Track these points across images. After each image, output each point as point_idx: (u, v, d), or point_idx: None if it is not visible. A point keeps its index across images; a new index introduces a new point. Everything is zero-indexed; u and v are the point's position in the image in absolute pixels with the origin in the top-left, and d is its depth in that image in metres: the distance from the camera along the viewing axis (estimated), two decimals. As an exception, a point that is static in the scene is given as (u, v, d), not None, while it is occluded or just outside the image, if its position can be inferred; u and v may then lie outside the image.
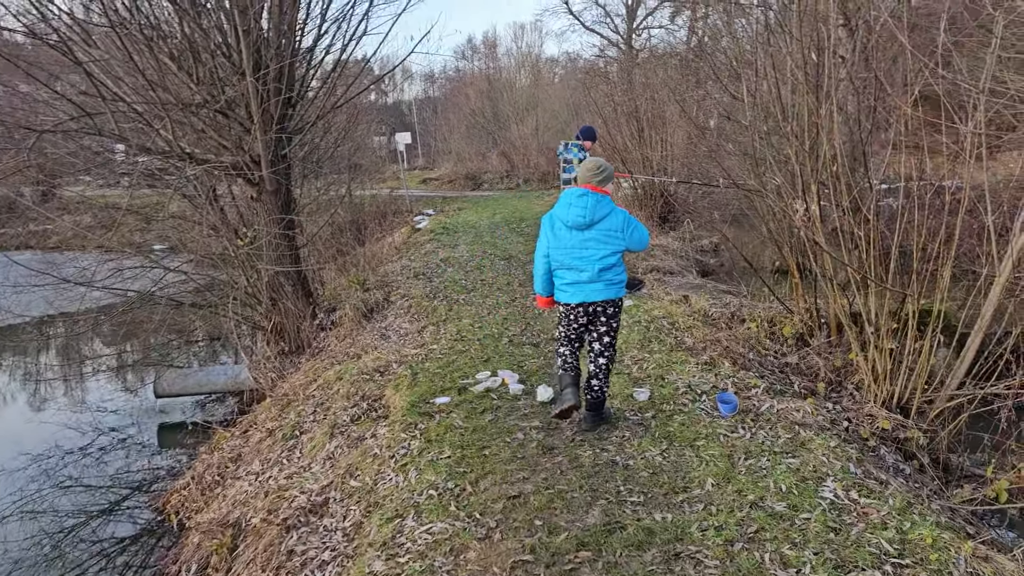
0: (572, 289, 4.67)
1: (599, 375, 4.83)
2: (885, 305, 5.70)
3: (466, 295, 9.16)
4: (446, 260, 11.88)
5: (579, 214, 4.58)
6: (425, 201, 26.04)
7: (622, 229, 4.63)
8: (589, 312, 4.72)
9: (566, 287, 4.70)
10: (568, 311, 4.77)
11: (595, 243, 4.58)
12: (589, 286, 4.61)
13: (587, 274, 4.59)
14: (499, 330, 7.46)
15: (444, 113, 44.30)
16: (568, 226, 4.62)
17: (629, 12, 41.19)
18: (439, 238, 15.61)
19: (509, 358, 6.51)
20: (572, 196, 4.65)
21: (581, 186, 4.70)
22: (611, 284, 4.65)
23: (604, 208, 4.60)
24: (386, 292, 9.95)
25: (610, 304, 4.71)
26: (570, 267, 4.65)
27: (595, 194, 4.62)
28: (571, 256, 4.63)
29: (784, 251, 7.07)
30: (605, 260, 4.59)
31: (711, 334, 6.90)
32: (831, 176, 6.45)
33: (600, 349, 4.81)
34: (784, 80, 6.62)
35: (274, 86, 8.27)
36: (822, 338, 6.77)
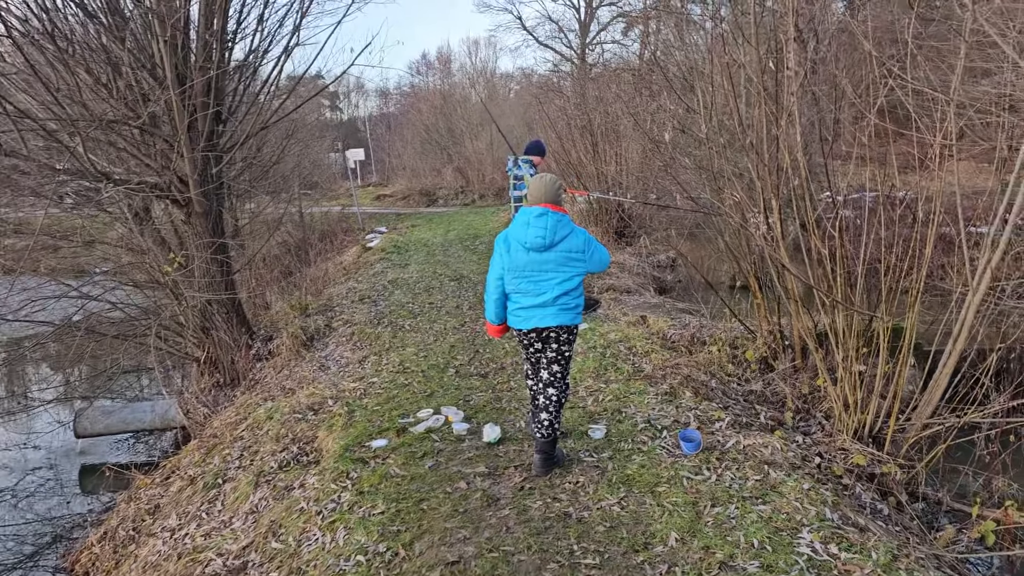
0: (524, 314, 4.34)
1: (548, 408, 4.42)
2: (853, 326, 5.35)
3: (412, 320, 8.64)
4: (394, 282, 11.35)
5: (538, 235, 4.23)
6: (378, 218, 25.49)
7: (583, 250, 4.32)
8: (542, 337, 4.39)
9: (519, 312, 4.37)
10: (522, 337, 4.45)
11: (555, 265, 4.26)
12: (543, 311, 4.28)
13: (544, 298, 4.27)
14: (445, 359, 6.96)
15: (398, 129, 43.81)
16: (526, 247, 4.27)
17: (582, 27, 41.25)
18: (389, 257, 15.09)
19: (455, 392, 6.02)
20: (530, 215, 4.31)
21: (539, 204, 4.34)
22: (566, 309, 4.31)
23: (564, 228, 4.29)
24: (329, 318, 9.39)
25: (563, 330, 4.36)
26: (526, 291, 4.31)
27: (555, 213, 4.29)
28: (528, 280, 4.29)
29: (744, 269, 6.70)
30: (564, 284, 4.27)
31: (670, 360, 6.48)
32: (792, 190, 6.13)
33: (548, 379, 4.45)
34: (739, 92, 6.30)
35: (201, 100, 7.72)
36: (787, 362, 6.41)
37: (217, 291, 8.31)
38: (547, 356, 4.44)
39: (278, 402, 6.46)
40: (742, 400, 5.80)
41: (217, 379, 8.88)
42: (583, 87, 22.55)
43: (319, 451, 5.27)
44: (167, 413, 8.31)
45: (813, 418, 5.63)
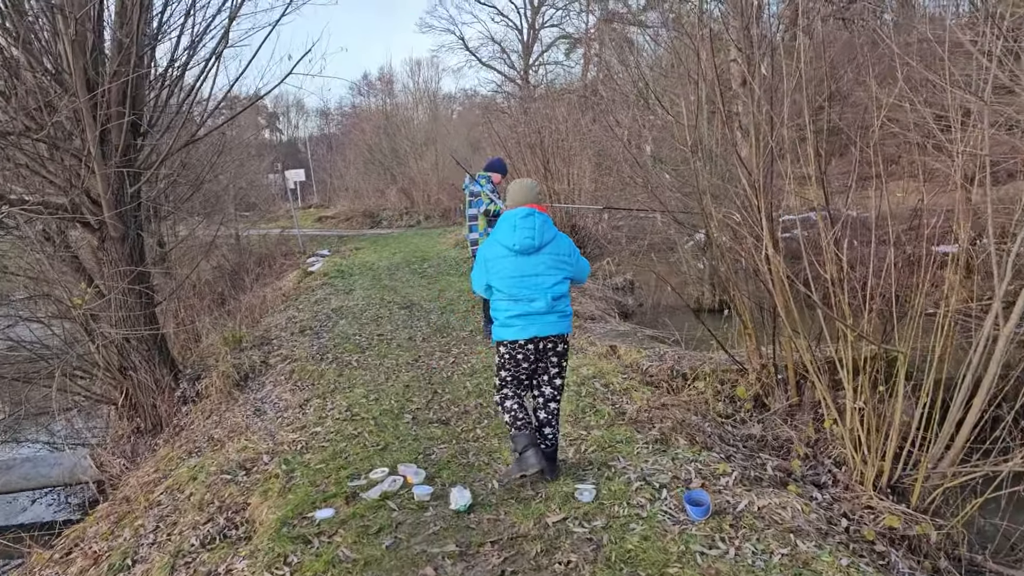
0: (522, 322, 4.10)
1: (552, 422, 4.35)
2: (867, 360, 4.72)
3: (360, 355, 7.76)
4: (339, 310, 10.44)
5: (527, 235, 4.09)
6: (320, 241, 24.47)
7: (570, 254, 4.21)
8: (539, 349, 4.19)
9: (513, 320, 4.12)
10: (515, 350, 4.19)
11: (546, 268, 4.12)
12: (542, 318, 4.10)
13: (539, 303, 4.08)
14: (400, 402, 6.12)
15: (340, 149, 42.82)
16: (514, 251, 4.11)
17: (525, 48, 41.10)
18: (333, 282, 14.15)
19: (412, 444, 5.18)
20: (516, 217, 4.15)
21: (525, 205, 4.21)
22: (564, 316, 4.19)
23: (550, 230, 4.19)
24: (265, 352, 8.44)
25: (561, 340, 4.23)
26: (518, 298, 4.10)
27: (541, 214, 4.18)
28: (519, 285, 4.10)
29: (734, 296, 6.05)
30: (557, 288, 4.12)
31: (654, 399, 5.77)
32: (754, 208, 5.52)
33: (552, 393, 4.33)
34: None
35: (116, 110, 6.78)
36: (782, 399, 5.76)
37: (135, 326, 7.31)
38: (550, 372, 4.29)
39: (204, 457, 5.53)
40: (741, 446, 5.10)
41: (137, 424, 7.87)
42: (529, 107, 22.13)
43: (251, 523, 4.39)
44: (77, 467, 7.25)
45: (821, 465, 4.97)
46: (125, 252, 7.19)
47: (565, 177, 14.98)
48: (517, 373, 4.26)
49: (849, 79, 9.46)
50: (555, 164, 14.83)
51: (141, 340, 7.48)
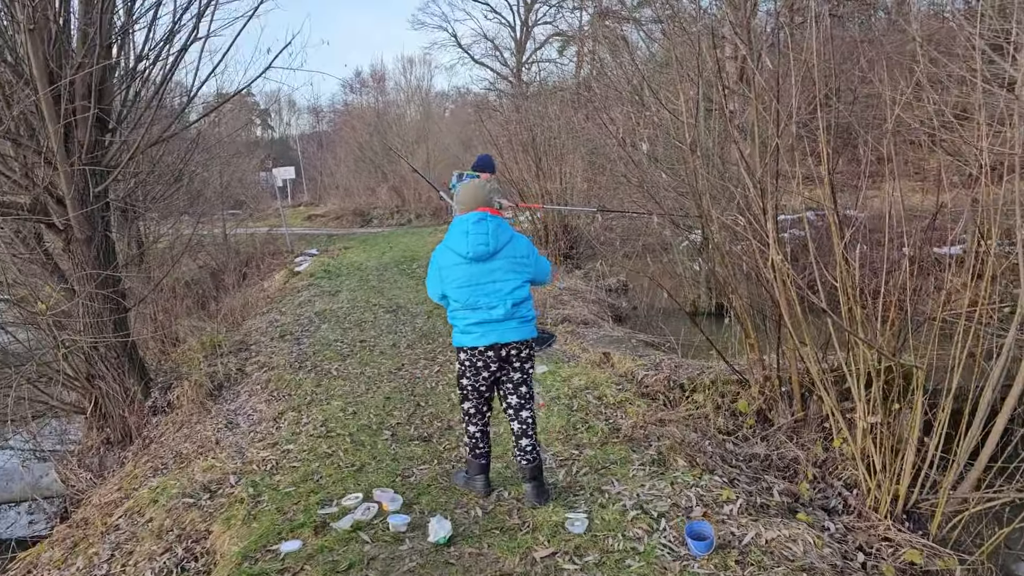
0: (480, 329, 3.92)
1: (528, 432, 4.11)
2: (880, 377, 4.37)
3: (341, 363, 7.38)
4: (322, 314, 10.05)
5: (481, 242, 3.90)
6: (308, 240, 24.06)
7: (528, 255, 4.05)
8: (501, 357, 4.00)
9: (473, 328, 3.94)
10: (475, 358, 4.00)
11: (503, 273, 3.93)
12: (503, 325, 3.92)
13: (499, 311, 3.90)
14: (379, 417, 5.74)
15: (331, 147, 42.40)
16: (467, 258, 3.92)
17: (518, 46, 40.72)
18: (319, 283, 13.78)
19: (390, 464, 4.80)
20: (467, 223, 3.97)
21: (477, 209, 4.03)
22: (525, 321, 4.00)
23: (506, 233, 4.00)
24: (243, 359, 8.06)
25: (524, 346, 4.05)
26: (476, 306, 3.92)
27: (494, 217, 4.01)
28: (476, 293, 3.91)
29: (736, 303, 5.69)
30: (516, 292, 3.94)
31: (651, 413, 5.41)
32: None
33: (519, 402, 4.11)
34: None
35: (81, 104, 6.38)
36: (787, 415, 5.41)
37: (103, 332, 6.92)
38: (513, 379, 4.08)
39: (168, 476, 5.14)
40: (745, 467, 4.74)
41: (107, 435, 7.47)
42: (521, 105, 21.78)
43: (212, 554, 4.02)
44: (42, 480, 6.88)
45: (831, 487, 4.62)
46: (92, 255, 6.79)
47: (557, 176, 14.62)
48: (477, 383, 4.07)
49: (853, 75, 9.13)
50: (547, 163, 14.47)
51: (109, 347, 7.08)
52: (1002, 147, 4.15)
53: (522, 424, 4.10)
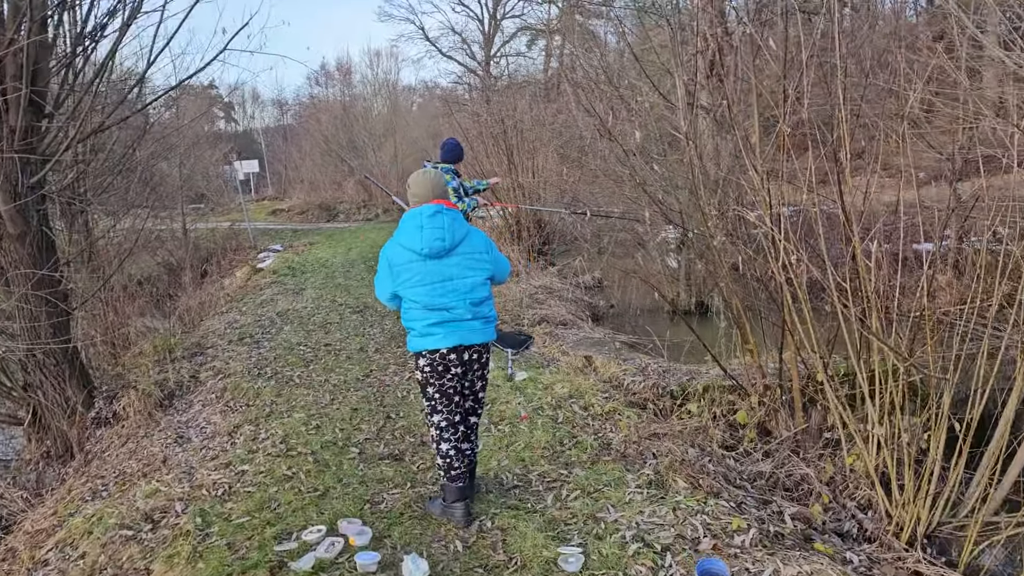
0: (443, 330, 3.62)
1: (470, 436, 3.93)
2: (890, 384, 3.96)
3: (304, 369, 6.84)
4: (285, 314, 9.48)
5: (437, 237, 3.60)
6: (272, 235, 23.37)
7: (487, 250, 3.77)
8: (464, 360, 3.72)
9: (434, 329, 3.62)
10: (438, 361, 3.68)
11: (461, 270, 3.65)
12: (467, 324, 3.65)
13: (458, 311, 3.63)
14: (345, 432, 5.22)
15: (296, 140, 41.56)
16: (422, 255, 3.60)
17: (486, 39, 40.22)
18: (283, 281, 13.19)
19: (358, 488, 4.29)
20: (422, 217, 3.64)
21: (432, 201, 3.70)
22: (488, 322, 3.77)
23: (462, 227, 3.71)
24: (197, 365, 7.48)
25: (485, 349, 3.83)
26: (432, 306, 3.61)
27: (450, 210, 3.70)
28: (433, 293, 3.61)
29: (732, 304, 5.25)
30: (476, 291, 3.68)
31: (643, 426, 4.97)
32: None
33: (473, 407, 3.92)
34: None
35: (12, 85, 5.76)
36: (788, 426, 4.99)
37: (41, 337, 6.31)
38: (476, 385, 3.86)
39: (107, 502, 4.57)
40: (750, 487, 4.31)
41: (47, 449, 6.86)
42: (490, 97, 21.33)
43: (151, 600, 3.49)
44: (-29, 500, 6.23)
45: (843, 509, 4.21)
46: (26, 252, 6.17)
47: (530, 169, 14.17)
48: (444, 388, 3.73)
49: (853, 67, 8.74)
50: (519, 156, 14.01)
51: (48, 353, 6.46)
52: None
53: (468, 429, 3.90)
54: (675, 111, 11.55)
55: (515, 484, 4.21)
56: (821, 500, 4.11)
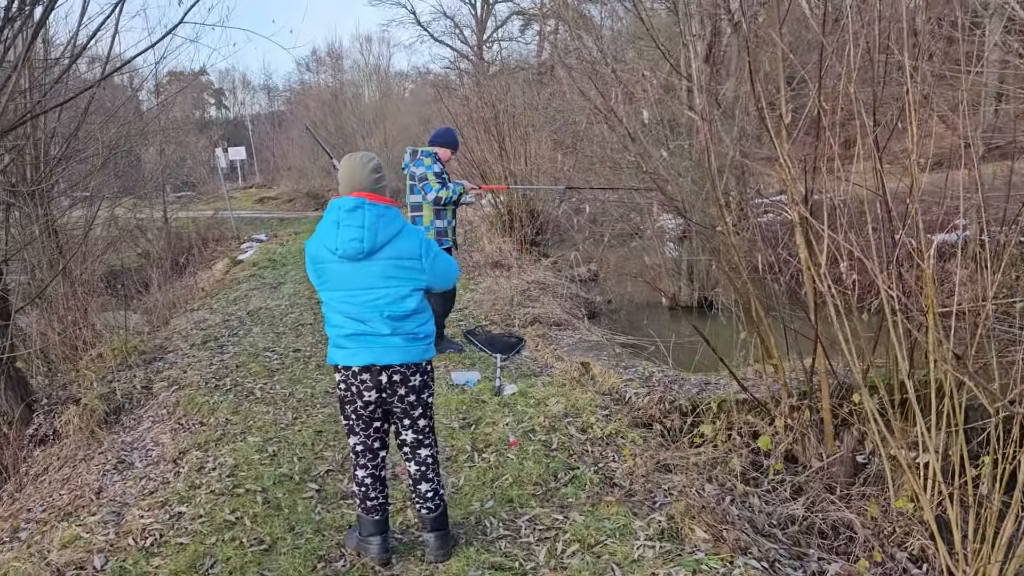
0: (354, 345, 3.09)
1: (427, 475, 3.31)
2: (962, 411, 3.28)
3: (267, 380, 6.12)
4: (256, 313, 8.76)
5: (354, 236, 3.00)
6: (258, 224, 22.69)
7: (420, 255, 3.12)
8: (381, 384, 3.11)
9: (345, 342, 3.11)
10: (350, 381, 3.14)
11: (382, 278, 3.05)
12: (383, 341, 3.08)
13: (376, 324, 3.06)
14: (305, 461, 4.51)
15: (285, 127, 40.84)
16: (338, 256, 3.02)
17: (479, 24, 39.39)
18: (262, 274, 12.50)
19: (312, 540, 3.58)
20: (340, 211, 3.04)
21: (352, 194, 3.07)
22: (413, 340, 3.14)
23: (390, 226, 3.06)
24: (152, 373, 6.76)
25: (414, 371, 3.17)
26: (350, 315, 3.08)
27: (375, 205, 3.05)
28: (348, 300, 3.07)
29: (752, 308, 4.54)
30: (398, 305, 3.08)
31: (650, 454, 4.28)
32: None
33: (415, 439, 3.29)
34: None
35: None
36: (818, 454, 4.31)
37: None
38: (411, 413, 3.20)
39: (15, 556, 3.85)
40: (781, 535, 3.62)
41: (-18, 469, 6.16)
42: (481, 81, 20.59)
43: None
44: None
45: (892, 560, 3.53)
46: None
47: (522, 156, 13.46)
48: (360, 412, 3.18)
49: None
50: (511, 142, 13.30)
51: (-21, 363, 5.75)
52: None
53: (420, 465, 3.30)
54: (675, 94, 10.88)
55: (501, 534, 3.52)
56: (870, 556, 3.42)
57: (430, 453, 3.31)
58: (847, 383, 4.63)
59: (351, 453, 3.31)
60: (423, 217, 6.22)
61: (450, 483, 4.09)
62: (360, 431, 3.23)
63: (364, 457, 3.26)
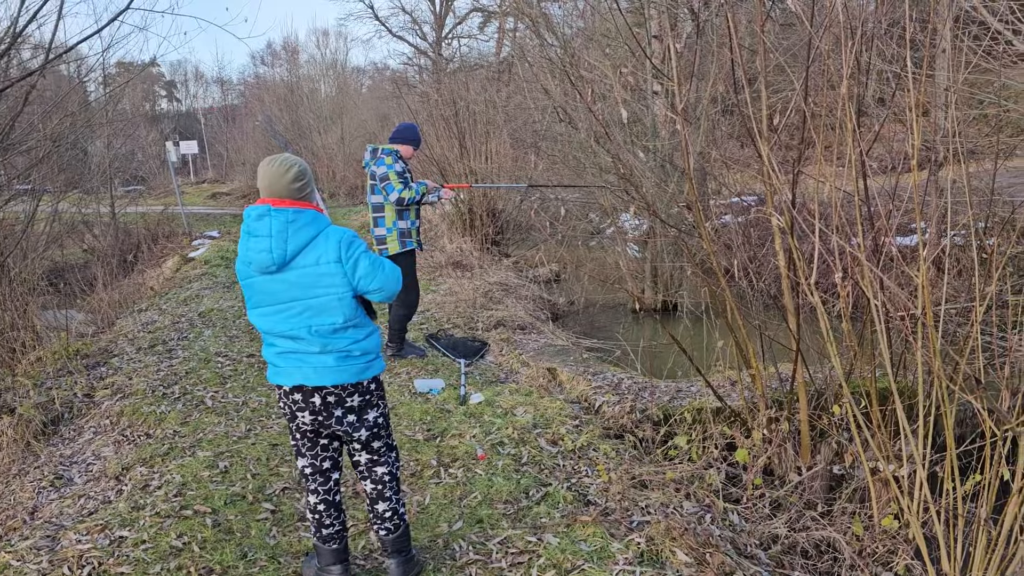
0: (286, 363, 2.84)
1: (384, 494, 3.05)
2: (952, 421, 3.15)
3: (219, 388, 5.80)
4: (207, 315, 8.40)
5: (262, 247, 2.72)
6: (210, 221, 22.08)
7: (340, 259, 2.77)
8: (314, 407, 2.85)
9: (278, 359, 2.86)
10: (285, 401, 2.92)
11: (303, 290, 2.76)
12: (315, 359, 2.80)
13: (305, 341, 2.79)
14: (260, 477, 4.22)
15: (239, 120, 40.03)
16: (255, 269, 2.76)
17: (438, 20, 38.94)
18: (214, 272, 12.08)
19: (266, 568, 3.29)
20: (249, 220, 2.78)
21: (260, 201, 2.79)
22: (347, 358, 2.84)
23: (304, 231, 2.75)
24: (95, 379, 6.38)
25: (351, 392, 2.88)
26: (281, 333, 2.82)
27: (282, 211, 2.74)
28: (272, 317, 2.81)
29: (731, 315, 4.37)
30: (326, 316, 2.79)
31: (625, 468, 4.10)
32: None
33: (370, 459, 3.03)
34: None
35: None
36: (795, 467, 4.18)
37: None
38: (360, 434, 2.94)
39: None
40: (763, 556, 3.47)
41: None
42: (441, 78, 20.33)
43: None
44: None
45: (879, 582, 3.40)
46: None
47: (483, 153, 13.24)
48: (304, 430, 2.94)
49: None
50: (472, 140, 13.07)
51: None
52: None
53: (376, 483, 3.04)
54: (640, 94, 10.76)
55: (472, 558, 3.30)
56: (847, 568, 3.28)
57: (388, 471, 3.06)
58: (824, 393, 4.52)
59: (301, 477, 3.06)
60: (385, 218, 5.96)
61: (415, 501, 3.86)
62: (307, 452, 2.98)
63: (315, 481, 3.00)
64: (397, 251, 5.96)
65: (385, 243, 5.97)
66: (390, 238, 5.94)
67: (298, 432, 2.95)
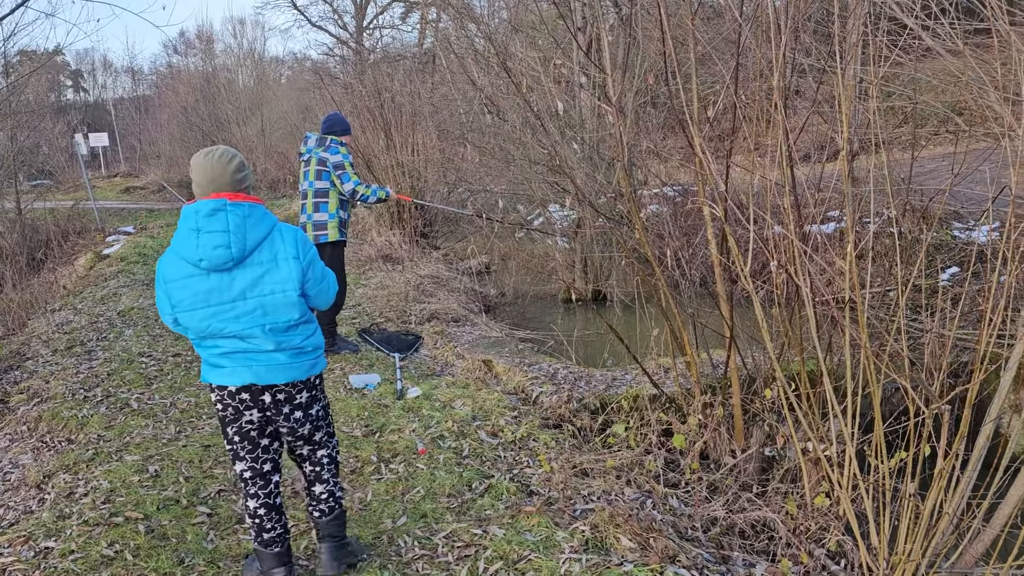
0: (232, 363, 2.73)
1: (323, 476, 3.06)
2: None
3: (145, 390, 5.59)
4: (128, 313, 8.08)
5: (219, 243, 2.62)
6: (124, 216, 21.27)
7: (299, 255, 2.75)
8: (263, 404, 2.81)
9: (222, 360, 2.74)
10: (227, 401, 2.80)
11: (257, 287, 2.69)
12: (266, 357, 2.74)
13: (258, 339, 2.72)
14: (194, 480, 4.09)
15: (152, 112, 38.64)
16: (203, 268, 2.64)
17: (359, 10, 38.36)
18: (131, 270, 11.63)
19: (206, 574, 3.22)
20: (198, 216, 2.64)
21: (211, 195, 2.67)
22: (300, 354, 2.82)
23: (260, 226, 2.70)
24: (8, 384, 6.07)
25: (300, 388, 2.88)
26: (224, 334, 2.70)
27: (238, 205, 2.66)
28: (219, 318, 2.68)
29: (664, 302, 4.45)
30: (281, 312, 2.73)
31: (566, 457, 4.13)
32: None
33: (311, 451, 3.04)
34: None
35: None
36: (728, 449, 4.29)
37: None
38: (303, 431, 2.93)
39: None
40: (703, 538, 3.55)
41: None
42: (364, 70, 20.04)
43: None
44: None
45: (811, 557, 3.52)
46: None
47: (410, 145, 13.12)
48: (245, 431, 2.85)
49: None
50: (398, 131, 12.94)
51: None
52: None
53: (315, 465, 3.05)
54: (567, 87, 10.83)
55: (418, 553, 3.27)
56: (797, 555, 3.39)
57: (327, 453, 3.07)
58: (756, 377, 4.65)
59: (239, 481, 2.97)
60: (328, 204, 5.88)
61: (357, 499, 3.81)
62: (247, 455, 2.89)
63: (254, 485, 2.91)
64: (336, 239, 5.90)
65: (326, 228, 5.88)
66: (331, 224, 5.87)
67: (238, 435, 2.86)
